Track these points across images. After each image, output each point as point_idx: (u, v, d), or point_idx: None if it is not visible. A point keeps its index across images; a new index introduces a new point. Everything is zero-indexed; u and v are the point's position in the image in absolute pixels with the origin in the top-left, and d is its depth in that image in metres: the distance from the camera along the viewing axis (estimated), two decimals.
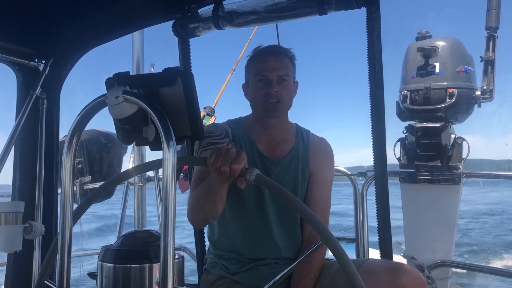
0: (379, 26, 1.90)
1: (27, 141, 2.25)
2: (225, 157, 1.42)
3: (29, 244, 2.14)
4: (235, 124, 2.09)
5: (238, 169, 1.39)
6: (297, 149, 2.06)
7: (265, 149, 2.03)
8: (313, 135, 2.15)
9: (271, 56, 2.00)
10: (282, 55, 2.00)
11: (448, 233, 3.05)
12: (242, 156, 1.42)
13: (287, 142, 2.07)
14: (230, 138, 2.02)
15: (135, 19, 2.22)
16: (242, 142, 2.02)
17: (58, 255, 1.07)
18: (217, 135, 2.01)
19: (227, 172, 1.41)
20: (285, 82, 1.95)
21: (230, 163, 1.40)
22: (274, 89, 1.93)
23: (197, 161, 1.47)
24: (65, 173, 1.08)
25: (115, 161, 3.99)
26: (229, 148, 1.44)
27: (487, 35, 3.07)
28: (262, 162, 2.00)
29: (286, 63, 1.98)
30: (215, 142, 1.97)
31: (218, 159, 1.42)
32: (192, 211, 1.84)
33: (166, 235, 0.95)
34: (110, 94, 1.06)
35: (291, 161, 2.03)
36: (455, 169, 3.02)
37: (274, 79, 1.94)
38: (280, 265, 1.99)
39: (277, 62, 1.97)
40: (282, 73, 1.95)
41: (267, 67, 1.96)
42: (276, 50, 2.04)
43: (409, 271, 1.78)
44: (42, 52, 2.23)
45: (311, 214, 1.22)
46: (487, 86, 3.05)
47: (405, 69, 3.13)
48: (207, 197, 1.66)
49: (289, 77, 1.97)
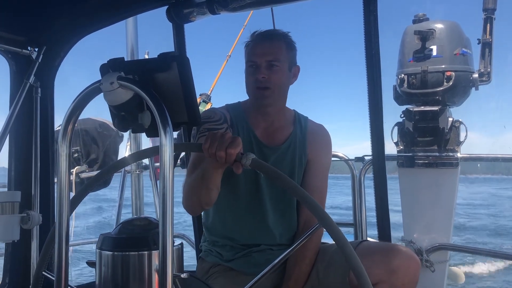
0: (376, 9, 1.88)
1: (21, 130, 2.23)
2: (220, 142, 1.40)
3: (26, 233, 2.13)
4: (234, 109, 2.07)
5: (233, 154, 1.37)
6: (294, 136, 2.05)
7: (262, 136, 2.02)
8: (311, 122, 2.13)
9: (262, 41, 1.97)
10: (274, 40, 1.96)
11: (446, 216, 3.06)
12: (238, 141, 1.41)
13: (285, 129, 2.06)
14: (229, 123, 2.00)
15: (129, 5, 2.18)
16: (240, 128, 2.01)
17: (56, 244, 1.06)
18: (216, 120, 1.99)
19: (222, 157, 1.39)
20: (275, 68, 1.91)
21: (226, 148, 1.38)
22: (261, 74, 1.90)
23: (192, 147, 1.46)
24: (61, 161, 1.07)
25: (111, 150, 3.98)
26: (224, 133, 1.42)
27: (484, 17, 3.04)
28: (260, 148, 1.99)
29: (277, 47, 1.94)
30: (213, 127, 1.96)
31: (213, 144, 1.40)
32: (187, 197, 1.83)
33: (164, 222, 0.95)
34: (104, 80, 1.04)
35: (288, 148, 2.02)
36: (452, 153, 3.02)
37: (262, 65, 1.91)
38: (275, 251, 2.00)
39: (267, 47, 1.94)
40: (270, 58, 1.91)
41: (256, 53, 1.94)
42: (268, 34, 2.00)
43: (402, 251, 1.79)
44: (34, 39, 2.20)
45: (308, 197, 1.21)
46: (484, 68, 3.03)
47: (402, 52, 3.10)
48: (202, 183, 1.66)
49: (280, 62, 1.92)
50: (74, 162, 3.81)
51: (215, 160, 1.42)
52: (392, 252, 1.77)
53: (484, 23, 3.04)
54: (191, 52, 2.40)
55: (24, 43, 2.18)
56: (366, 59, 1.92)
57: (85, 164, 3.82)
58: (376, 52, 1.91)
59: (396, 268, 1.71)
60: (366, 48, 1.91)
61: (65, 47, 2.32)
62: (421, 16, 3.12)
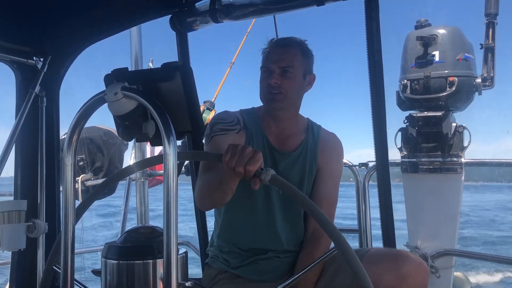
0: (378, 16, 1.89)
1: (27, 139, 2.25)
2: (240, 157, 1.37)
3: (32, 242, 2.15)
4: (248, 113, 2.08)
5: (252, 171, 1.35)
6: (306, 144, 2.05)
7: (275, 141, 2.03)
8: (323, 130, 2.14)
9: (277, 47, 1.99)
10: (289, 47, 1.98)
11: (451, 222, 3.04)
12: (258, 157, 1.38)
13: (297, 136, 2.07)
14: (242, 126, 2.01)
15: (133, 14, 2.21)
16: (253, 132, 2.02)
17: (62, 252, 1.07)
18: (229, 121, 2.00)
19: (241, 173, 1.37)
20: (288, 74, 1.93)
21: (245, 164, 1.36)
22: (273, 80, 1.92)
23: (211, 157, 1.45)
24: (66, 170, 1.08)
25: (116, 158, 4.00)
26: (244, 147, 1.40)
27: (487, 22, 3.05)
28: (271, 154, 2.00)
29: (291, 54, 1.96)
30: (226, 128, 1.97)
31: (233, 159, 1.38)
32: (201, 196, 1.84)
33: (168, 231, 0.95)
34: (109, 91, 1.06)
35: (300, 155, 2.03)
36: (456, 158, 3.02)
37: (276, 71, 1.93)
38: (282, 258, 2.00)
39: (282, 53, 1.96)
40: (284, 64, 1.93)
41: (271, 59, 1.96)
42: (283, 41, 2.03)
43: (411, 258, 1.79)
44: (40, 50, 2.22)
45: (326, 219, 1.20)
46: (487, 73, 3.03)
47: (405, 58, 3.11)
48: (219, 187, 1.64)
49: (294, 69, 1.94)
50: (80, 170, 3.83)
51: (233, 173, 1.40)
52: (401, 259, 1.77)
53: (486, 28, 3.04)
54: (194, 59, 2.42)
55: (30, 53, 2.20)
56: (368, 65, 1.93)
57: (90, 172, 3.84)
58: (378, 58, 1.92)
59: (406, 274, 1.71)
60: (368, 54, 1.92)
61: (70, 57, 2.35)
62: (423, 21, 3.12)
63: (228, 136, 1.96)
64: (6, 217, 1.98)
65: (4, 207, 1.99)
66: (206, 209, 2.11)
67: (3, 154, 2.10)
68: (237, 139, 1.96)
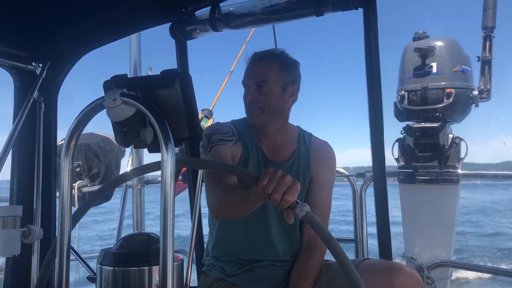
0: (376, 27, 1.90)
1: (25, 144, 2.24)
2: (279, 184, 1.30)
3: (27, 248, 2.13)
4: (240, 124, 2.09)
5: (290, 201, 1.27)
6: (298, 153, 2.06)
7: (268, 152, 2.03)
8: (315, 138, 2.14)
9: (252, 62, 2.01)
10: (264, 61, 1.99)
11: (447, 233, 3.05)
12: (297, 187, 1.31)
13: (289, 146, 2.07)
14: (237, 137, 2.01)
15: (132, 22, 2.21)
16: (248, 142, 2.02)
17: (57, 258, 1.06)
18: (225, 132, 2.00)
19: (277, 201, 1.29)
20: (264, 89, 1.93)
21: (283, 193, 1.29)
22: (249, 96, 1.95)
23: (248, 177, 1.38)
24: (63, 176, 1.08)
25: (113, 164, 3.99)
26: (284, 175, 1.33)
27: (484, 35, 3.08)
28: (266, 164, 2.00)
29: (267, 69, 1.96)
30: (224, 138, 1.97)
31: (271, 185, 1.30)
32: (219, 209, 1.78)
33: (165, 238, 0.95)
34: (108, 97, 1.06)
35: (293, 165, 2.03)
36: (453, 169, 3.03)
37: (252, 86, 1.95)
38: (278, 267, 2.00)
39: (256, 68, 1.97)
40: (258, 79, 1.94)
41: (247, 74, 1.99)
42: (259, 56, 2.03)
43: (404, 270, 1.78)
44: (39, 55, 2.23)
45: (352, 269, 1.16)
46: (484, 85, 3.06)
47: (402, 69, 3.13)
48: (241, 204, 1.61)
49: (269, 83, 1.93)
50: (76, 177, 3.82)
51: (268, 199, 1.33)
52: (394, 271, 1.76)
53: (483, 41, 3.07)
54: (193, 67, 2.43)
55: (29, 58, 2.20)
56: (366, 76, 1.94)
57: (87, 178, 3.83)
58: (376, 69, 1.92)
59: (399, 287, 1.71)
60: (366, 65, 1.93)
61: (69, 63, 2.35)
62: (421, 33, 3.15)
63: (227, 146, 1.95)
64: (1, 223, 1.97)
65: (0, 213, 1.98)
66: (221, 219, 2.04)
67: (0, 158, 2.10)
68: (234, 150, 1.97)
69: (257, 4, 2.05)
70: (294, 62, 2.06)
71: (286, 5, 2.00)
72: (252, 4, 2.07)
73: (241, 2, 2.11)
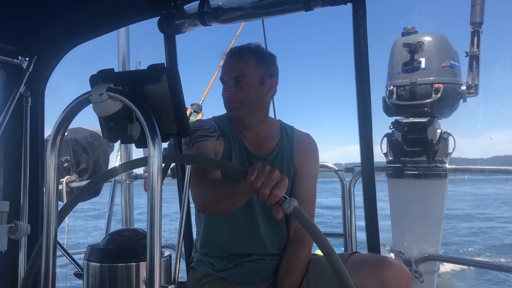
0: (365, 22, 1.90)
1: (11, 139, 2.22)
2: (268, 179, 1.30)
3: (14, 244, 2.11)
4: (221, 120, 2.08)
5: (279, 196, 1.27)
6: (281, 146, 2.06)
7: (250, 146, 2.03)
8: (297, 131, 2.15)
9: (229, 58, 2.01)
10: (240, 56, 1.98)
11: (435, 227, 3.08)
12: (285, 182, 1.31)
13: (272, 139, 2.08)
14: (219, 133, 2.01)
15: (121, 15, 2.20)
16: (230, 138, 2.02)
17: (43, 255, 1.05)
18: (207, 128, 2.00)
19: (265, 195, 1.29)
20: (241, 83, 1.94)
21: (272, 188, 1.29)
22: (227, 91, 1.95)
23: (236, 171, 1.37)
24: (49, 172, 1.07)
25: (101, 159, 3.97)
26: (272, 170, 1.33)
27: (472, 30, 3.10)
28: (249, 159, 2.00)
29: (243, 64, 1.95)
30: (206, 134, 1.97)
31: (259, 179, 1.30)
32: (204, 203, 1.78)
33: (152, 234, 0.94)
34: (94, 92, 1.04)
35: (276, 158, 2.03)
36: (441, 164, 3.05)
37: (229, 82, 1.95)
38: (267, 261, 2.01)
39: (233, 64, 1.97)
40: (235, 74, 1.94)
41: (224, 70, 1.99)
42: (235, 51, 2.02)
43: (394, 264, 1.80)
44: (25, 49, 2.20)
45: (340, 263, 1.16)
46: (472, 81, 3.08)
47: (391, 64, 3.14)
48: (228, 199, 1.61)
49: (247, 78, 1.94)
50: (64, 172, 3.79)
51: (256, 194, 1.32)
52: (383, 265, 1.78)
53: (471, 37, 3.09)
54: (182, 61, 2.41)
55: (15, 52, 2.18)
56: (355, 71, 1.94)
57: (75, 173, 3.81)
58: (365, 64, 1.93)
59: (388, 281, 1.72)
60: (355, 60, 1.93)
61: (56, 57, 2.32)
62: (410, 29, 3.16)
63: (209, 142, 1.95)
64: None
65: None
66: (207, 213, 2.03)
67: None
68: (217, 145, 1.97)
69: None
70: (271, 56, 2.06)
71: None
72: None
73: None
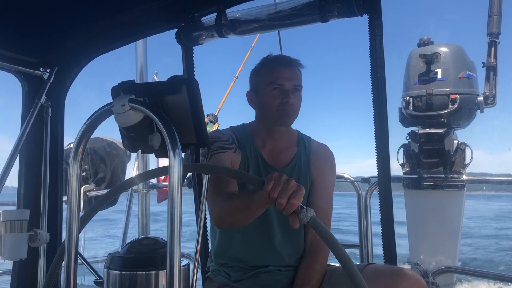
0: (381, 33, 1.91)
1: (32, 149, 2.27)
2: (285, 188, 1.30)
3: (34, 252, 2.15)
4: (239, 131, 2.10)
5: (296, 205, 1.26)
6: (299, 157, 2.07)
7: (268, 157, 2.04)
8: (314, 142, 2.16)
9: (287, 65, 2.02)
10: (295, 65, 2.03)
11: (452, 238, 3.04)
12: (302, 192, 1.31)
13: (290, 150, 2.08)
14: (236, 144, 2.02)
15: (139, 27, 2.23)
16: (247, 149, 2.03)
17: (65, 262, 1.07)
18: (225, 140, 2.01)
19: (282, 205, 1.29)
20: (298, 92, 1.99)
21: (289, 197, 1.29)
22: (291, 98, 1.96)
23: (253, 181, 1.39)
24: (71, 182, 1.09)
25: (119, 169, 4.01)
26: (289, 179, 1.33)
27: (489, 41, 3.09)
28: (266, 170, 2.01)
29: (299, 73, 2.02)
30: (224, 146, 1.98)
31: (276, 189, 1.31)
32: (222, 217, 1.78)
33: (172, 242, 0.96)
34: (116, 103, 1.07)
35: (294, 169, 2.04)
36: (458, 175, 3.02)
37: (290, 89, 1.97)
38: (283, 272, 2.00)
39: (293, 72, 2.00)
40: (297, 82, 1.98)
41: (283, 76, 1.98)
42: (291, 60, 2.06)
43: (409, 275, 1.78)
44: (46, 61, 2.25)
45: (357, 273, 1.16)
46: (489, 91, 3.06)
47: (407, 75, 3.14)
48: (245, 210, 1.61)
49: (301, 87, 2.01)
50: (82, 181, 3.84)
51: (273, 204, 1.33)
52: (398, 276, 1.76)
53: (488, 47, 3.08)
54: (198, 71, 2.44)
55: (36, 64, 2.23)
56: (372, 82, 1.94)
57: (93, 183, 3.85)
58: (381, 75, 1.93)
59: None
60: (372, 71, 1.93)
61: (76, 68, 2.37)
62: (426, 39, 3.16)
63: (227, 154, 1.97)
64: (9, 226, 1.99)
65: (7, 217, 2.00)
66: (224, 228, 2.03)
67: (8, 163, 2.12)
68: (234, 158, 1.98)
69: (263, 11, 2.07)
70: None
71: (291, 11, 2.01)
72: (258, 11, 2.08)
73: (247, 8, 2.12)
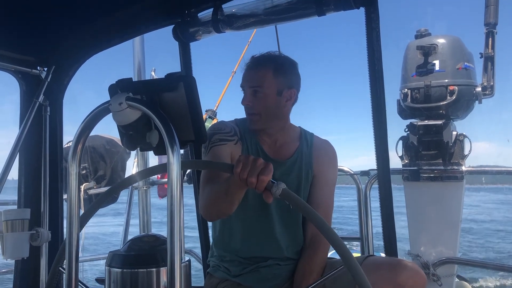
0: (378, 26, 1.90)
1: (31, 148, 2.27)
2: (253, 167, 1.35)
3: (35, 250, 2.16)
4: (242, 123, 2.10)
5: (265, 181, 1.30)
6: (300, 151, 2.07)
7: (269, 151, 2.05)
8: (316, 138, 2.16)
9: (248, 67, 2.02)
10: (259, 67, 1.99)
11: (452, 230, 3.05)
12: (270, 168, 1.35)
13: (291, 145, 2.09)
14: (238, 136, 2.03)
15: (136, 24, 2.23)
16: (248, 142, 2.04)
17: (66, 260, 1.08)
18: (227, 132, 2.02)
19: (253, 183, 1.33)
20: (259, 94, 1.95)
21: (258, 174, 1.33)
22: (244, 101, 1.97)
23: (223, 167, 1.42)
24: (71, 180, 1.09)
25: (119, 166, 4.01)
26: (256, 158, 1.38)
27: (486, 32, 3.08)
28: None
29: (261, 74, 1.96)
30: (225, 138, 1.99)
31: (245, 169, 1.35)
32: (207, 206, 1.81)
33: (172, 239, 0.96)
34: (113, 101, 1.06)
35: (295, 163, 2.05)
36: (457, 166, 3.03)
37: (247, 91, 1.97)
38: (282, 266, 2.01)
39: (252, 73, 1.99)
40: (253, 84, 1.96)
41: (243, 79, 2.01)
42: (253, 61, 2.03)
43: (408, 266, 1.80)
44: (44, 59, 2.25)
45: (335, 236, 1.19)
46: (487, 82, 3.06)
47: (405, 67, 3.13)
48: (226, 198, 1.63)
49: (263, 89, 1.94)
50: (82, 179, 3.84)
51: (245, 184, 1.37)
52: (398, 268, 1.77)
53: (486, 38, 3.07)
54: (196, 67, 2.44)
55: (34, 63, 2.23)
56: (369, 74, 1.94)
57: (93, 180, 3.86)
58: (379, 68, 1.93)
59: (403, 283, 1.72)
60: (369, 64, 1.93)
61: (74, 67, 2.37)
62: (423, 31, 3.15)
63: (227, 146, 1.97)
64: (10, 226, 2.00)
65: (8, 216, 2.01)
66: (212, 220, 2.08)
67: (7, 162, 2.12)
68: (234, 149, 1.98)
69: (259, 5, 2.06)
70: (290, 64, 2.05)
71: (287, 5, 2.01)
72: (254, 6, 2.08)
73: (243, 3, 2.12)
